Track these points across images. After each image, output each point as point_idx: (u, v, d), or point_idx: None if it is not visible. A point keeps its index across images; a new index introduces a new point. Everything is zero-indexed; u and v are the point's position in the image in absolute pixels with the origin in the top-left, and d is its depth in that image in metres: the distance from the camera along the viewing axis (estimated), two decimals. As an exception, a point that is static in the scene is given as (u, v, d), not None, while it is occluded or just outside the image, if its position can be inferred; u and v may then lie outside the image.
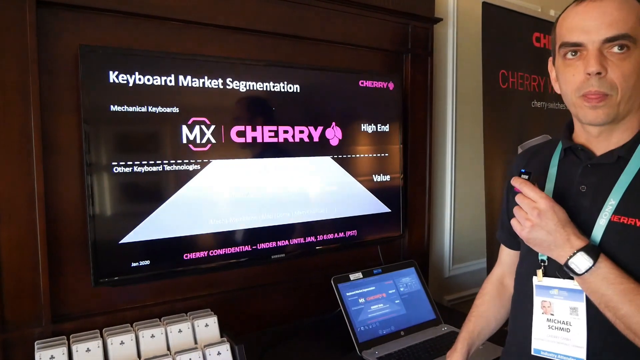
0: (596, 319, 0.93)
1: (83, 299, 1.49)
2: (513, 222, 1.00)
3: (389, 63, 2.08)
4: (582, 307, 0.96)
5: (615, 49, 0.90)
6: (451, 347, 1.26)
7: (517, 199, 0.98)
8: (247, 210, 1.67)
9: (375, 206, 1.99)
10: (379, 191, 1.99)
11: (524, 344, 1.05)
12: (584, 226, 0.95)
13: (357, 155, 1.92)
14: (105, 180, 1.43)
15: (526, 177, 0.99)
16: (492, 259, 2.07)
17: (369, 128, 1.95)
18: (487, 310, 1.27)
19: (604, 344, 0.94)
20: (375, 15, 1.96)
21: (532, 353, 1.03)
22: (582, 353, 0.95)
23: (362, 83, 1.92)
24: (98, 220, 1.42)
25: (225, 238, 1.64)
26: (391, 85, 2.00)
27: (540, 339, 1.02)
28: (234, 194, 1.64)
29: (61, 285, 1.45)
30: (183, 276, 1.61)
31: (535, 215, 0.93)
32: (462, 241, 2.49)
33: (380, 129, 1.98)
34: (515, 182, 0.99)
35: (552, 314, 1.01)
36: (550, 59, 1.08)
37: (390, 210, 2.03)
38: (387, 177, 2.01)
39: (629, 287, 0.87)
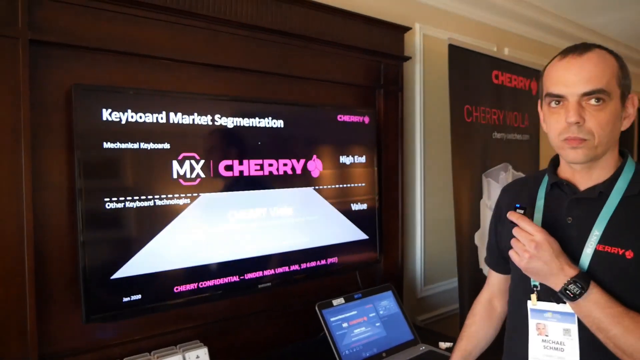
0: (587, 339, 1.03)
1: (71, 337, 1.48)
2: (511, 253, 1.09)
3: (363, 98, 2.20)
4: (574, 328, 1.06)
5: (592, 102, 1.02)
6: None
7: (515, 232, 1.07)
8: (235, 242, 1.72)
9: (353, 233, 2.08)
10: (357, 219, 2.08)
11: None
12: (571, 255, 1.05)
13: (337, 186, 2.02)
14: (98, 216, 1.44)
15: (522, 211, 1.08)
16: (462, 279, 2.20)
17: (347, 160, 2.05)
18: (478, 330, 1.37)
19: None
20: (351, 54, 2.09)
21: None
22: None
23: (340, 117, 2.02)
24: (90, 257, 1.42)
25: (215, 269, 1.67)
26: (366, 119, 2.11)
27: (537, 358, 1.11)
28: (222, 226, 1.69)
29: (49, 323, 1.44)
30: (173, 309, 1.62)
31: (533, 247, 1.03)
32: (432, 263, 2.62)
33: (357, 160, 2.09)
34: (512, 216, 1.08)
35: (547, 335, 1.10)
36: (539, 101, 1.19)
37: (367, 237, 2.12)
38: (364, 206, 2.11)
39: (617, 310, 0.97)
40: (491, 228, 1.36)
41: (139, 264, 1.51)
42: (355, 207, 2.09)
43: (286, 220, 1.86)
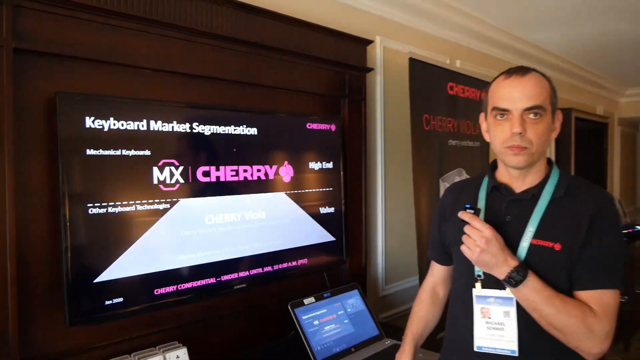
0: (524, 319, 1.21)
1: (52, 340, 1.49)
2: (463, 248, 1.24)
3: (329, 107, 2.32)
4: (513, 310, 1.23)
5: (532, 116, 1.21)
6: (399, 349, 1.50)
7: (467, 229, 1.23)
8: (212, 245, 1.79)
9: (322, 236, 2.19)
10: (325, 222, 2.20)
11: (466, 343, 1.30)
12: (511, 248, 1.22)
13: (306, 190, 2.12)
14: (81, 222, 1.48)
15: (472, 211, 1.25)
16: (423, 277, 2.35)
17: (315, 165, 2.16)
18: (425, 314, 1.53)
19: (530, 337, 1.21)
20: (318, 65, 2.20)
21: (475, 350, 1.28)
22: (515, 345, 1.22)
23: (309, 125, 2.14)
24: (73, 262, 1.46)
25: (193, 272, 1.73)
26: (333, 127, 2.23)
27: (481, 337, 1.27)
28: (200, 230, 1.75)
29: (30, 327, 1.45)
30: (153, 311, 1.67)
31: (483, 243, 1.19)
32: (393, 263, 2.77)
33: (325, 166, 2.20)
34: (464, 215, 1.24)
35: (490, 317, 1.26)
36: (482, 114, 1.36)
37: (334, 239, 2.24)
38: (332, 209, 2.23)
39: (550, 293, 1.16)
40: (435, 225, 1.52)
41: (120, 268, 1.55)
42: (323, 210, 2.20)
43: (259, 224, 1.95)
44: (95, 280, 1.51)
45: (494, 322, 1.26)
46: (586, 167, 5.26)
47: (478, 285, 1.29)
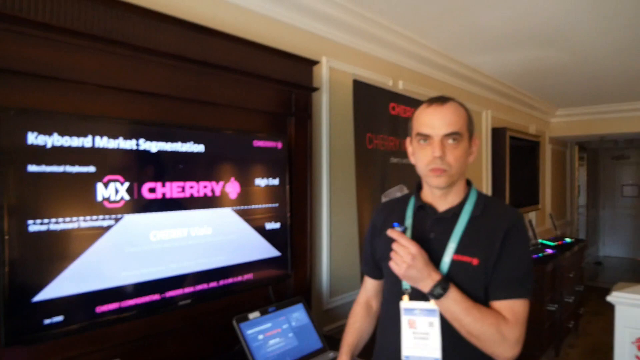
0: (446, 328, 1.32)
1: (-14, 362, 1.46)
2: (391, 264, 1.34)
3: (276, 124, 2.38)
4: (436, 321, 1.34)
5: (450, 141, 1.34)
6: None
7: (394, 246, 1.33)
8: (157, 261, 1.79)
9: (267, 251, 2.23)
10: (270, 237, 2.24)
11: (395, 352, 1.40)
12: (434, 263, 1.33)
13: (253, 206, 2.16)
14: (20, 239, 1.45)
15: (400, 229, 1.36)
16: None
17: (262, 182, 2.21)
18: (360, 326, 1.63)
19: (451, 345, 1.33)
20: (265, 84, 2.26)
21: (403, 359, 1.37)
22: (438, 353, 1.33)
23: (256, 143, 2.19)
24: (11, 279, 1.43)
25: (136, 289, 1.73)
26: (279, 145, 2.30)
27: (409, 347, 1.37)
28: (145, 246, 1.75)
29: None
30: (95, 329, 1.65)
31: (410, 259, 1.29)
32: (337, 277, 2.85)
33: (271, 182, 2.25)
34: (393, 233, 1.34)
35: (416, 328, 1.37)
36: (408, 138, 1.49)
37: (280, 254, 2.29)
38: (278, 225, 2.28)
39: (469, 304, 1.28)
40: (367, 242, 1.63)
41: (61, 285, 1.53)
42: (269, 226, 2.25)
43: (206, 240, 1.97)
44: (35, 298, 1.48)
45: (420, 332, 1.36)
46: (520, 183, 5.59)
47: (405, 298, 1.39)
